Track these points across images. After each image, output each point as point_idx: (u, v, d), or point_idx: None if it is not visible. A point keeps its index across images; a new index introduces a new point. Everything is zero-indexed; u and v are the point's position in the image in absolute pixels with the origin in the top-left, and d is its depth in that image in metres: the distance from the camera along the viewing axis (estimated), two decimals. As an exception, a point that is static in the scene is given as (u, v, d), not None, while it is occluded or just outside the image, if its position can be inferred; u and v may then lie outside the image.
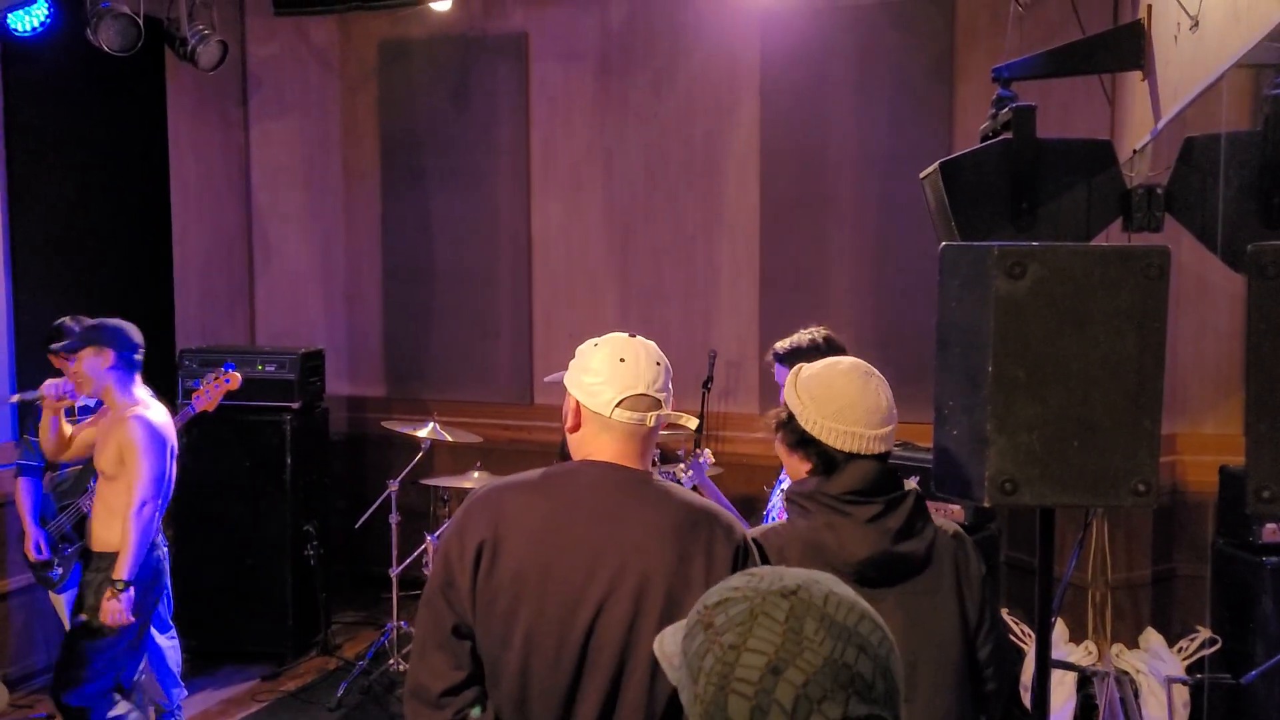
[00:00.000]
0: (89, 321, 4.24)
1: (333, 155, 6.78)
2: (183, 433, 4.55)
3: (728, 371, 5.89)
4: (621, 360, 2.06)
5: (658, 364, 2.10)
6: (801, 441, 2.22)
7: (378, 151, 6.68)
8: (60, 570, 4.48)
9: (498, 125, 6.38)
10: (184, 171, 6.22)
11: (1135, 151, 3.42)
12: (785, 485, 3.66)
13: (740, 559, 2.02)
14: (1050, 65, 3.38)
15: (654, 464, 2.29)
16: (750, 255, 5.94)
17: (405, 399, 6.59)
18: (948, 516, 4.49)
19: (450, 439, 5.32)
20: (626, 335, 2.12)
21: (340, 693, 5.06)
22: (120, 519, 3.84)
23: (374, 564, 6.14)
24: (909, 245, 5.42)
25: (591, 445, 2.09)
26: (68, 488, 4.53)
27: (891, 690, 1.01)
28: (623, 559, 1.96)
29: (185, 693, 4.69)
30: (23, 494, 4.49)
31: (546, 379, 5.44)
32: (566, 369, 2.15)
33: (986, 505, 2.37)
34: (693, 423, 2.14)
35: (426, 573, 4.87)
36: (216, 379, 4.63)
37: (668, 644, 1.17)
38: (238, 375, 4.68)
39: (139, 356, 4.00)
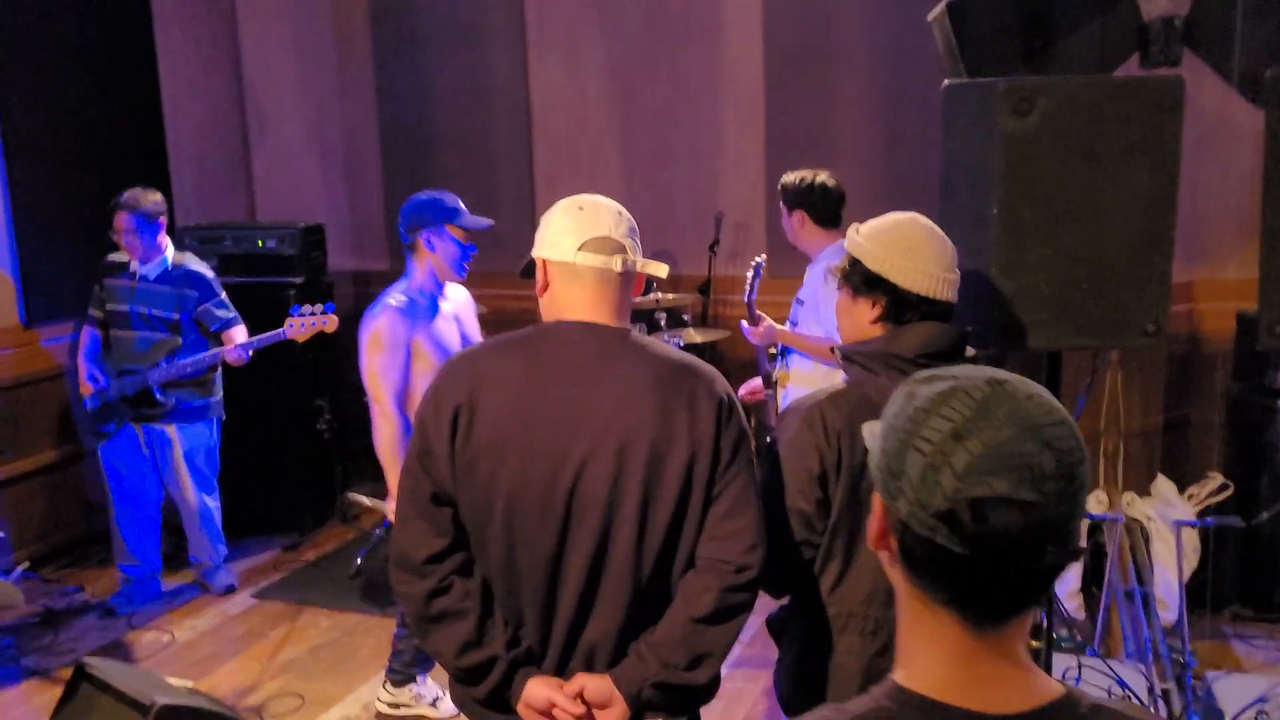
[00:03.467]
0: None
1: (323, 21, 6.56)
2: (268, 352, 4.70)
3: (735, 233, 5.79)
4: (580, 209, 2.04)
5: (619, 213, 2.06)
6: (868, 282, 2.10)
7: (368, 15, 6.47)
8: (112, 426, 4.69)
9: (491, -17, 6.14)
10: (170, 41, 6.04)
11: (1154, -19, 3.26)
12: (792, 397, 3.65)
13: (725, 412, 1.98)
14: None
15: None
16: (755, 113, 5.77)
17: (410, 272, 6.53)
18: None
19: (455, 309, 5.27)
20: (585, 195, 2.10)
21: (359, 561, 5.15)
22: None
23: (387, 436, 6.18)
24: (921, 95, 5.23)
25: (562, 301, 2.03)
26: (139, 355, 4.61)
27: (1069, 496, 1.03)
28: (604, 416, 1.93)
29: (227, 550, 5.06)
30: (83, 338, 4.78)
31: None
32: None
33: (994, 351, 2.33)
34: (663, 270, 2.08)
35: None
36: (314, 314, 4.51)
37: (872, 423, 1.22)
38: (335, 318, 4.56)
39: None
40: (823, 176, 3.86)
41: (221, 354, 4.56)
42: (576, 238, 2.00)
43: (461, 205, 3.72)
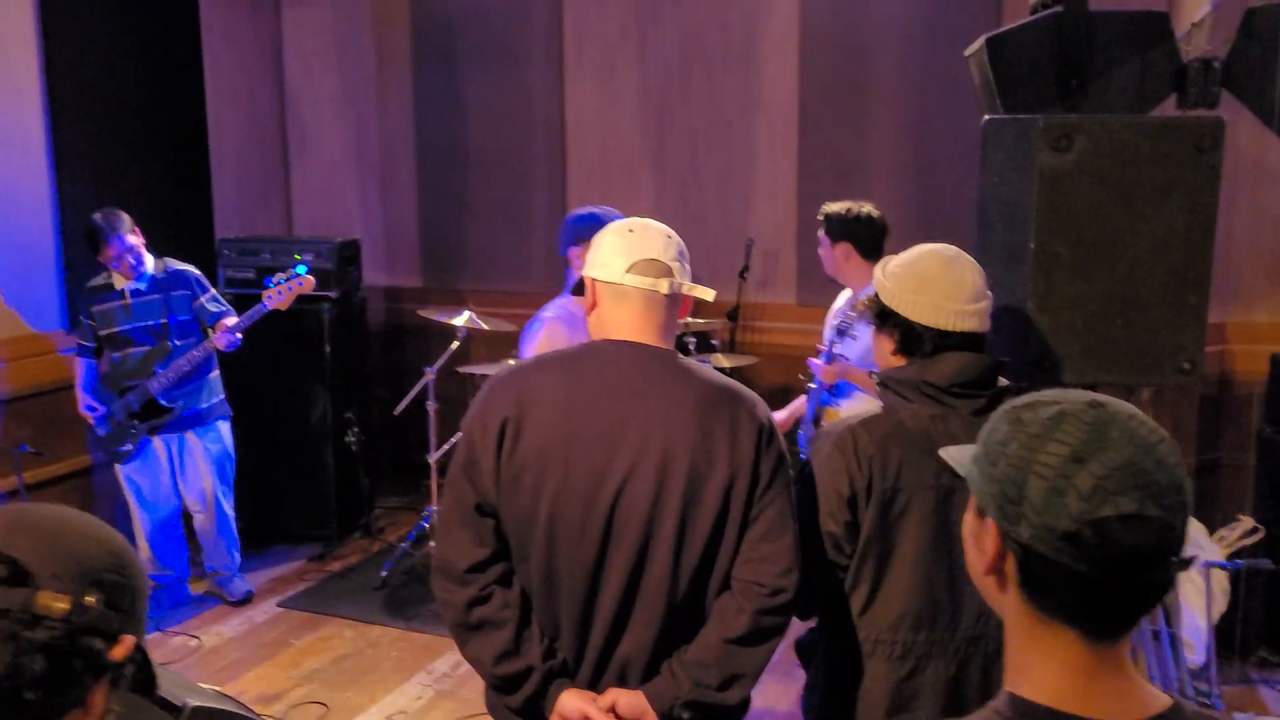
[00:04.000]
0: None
1: (365, 39, 6.67)
2: (252, 330, 4.73)
3: (765, 260, 5.82)
4: (630, 231, 2.08)
5: (669, 236, 2.09)
6: (881, 316, 2.18)
7: (410, 34, 6.57)
8: (130, 445, 4.72)
9: (531, 5, 6.23)
10: (217, 58, 6.16)
11: (1193, 24, 3.27)
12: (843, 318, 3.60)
13: (765, 436, 2.01)
14: (1106, -68, 3.22)
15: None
16: (788, 140, 5.81)
17: (441, 289, 6.61)
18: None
19: (486, 328, 5.33)
20: (636, 218, 2.14)
21: (384, 573, 5.19)
22: None
23: (414, 451, 6.24)
24: (954, 127, 5.28)
25: (609, 321, 2.07)
26: (133, 369, 4.66)
27: (1181, 506, 1.08)
28: (645, 434, 1.96)
29: (242, 557, 5.15)
30: (77, 370, 4.80)
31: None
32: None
33: (1025, 385, 2.35)
34: (709, 294, 2.11)
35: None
36: (289, 280, 4.65)
37: (954, 451, 1.28)
38: (311, 279, 4.72)
39: None
40: (867, 208, 3.84)
41: (211, 342, 4.62)
42: (625, 259, 2.04)
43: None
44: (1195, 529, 4.51)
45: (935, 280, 2.11)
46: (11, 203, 5.06)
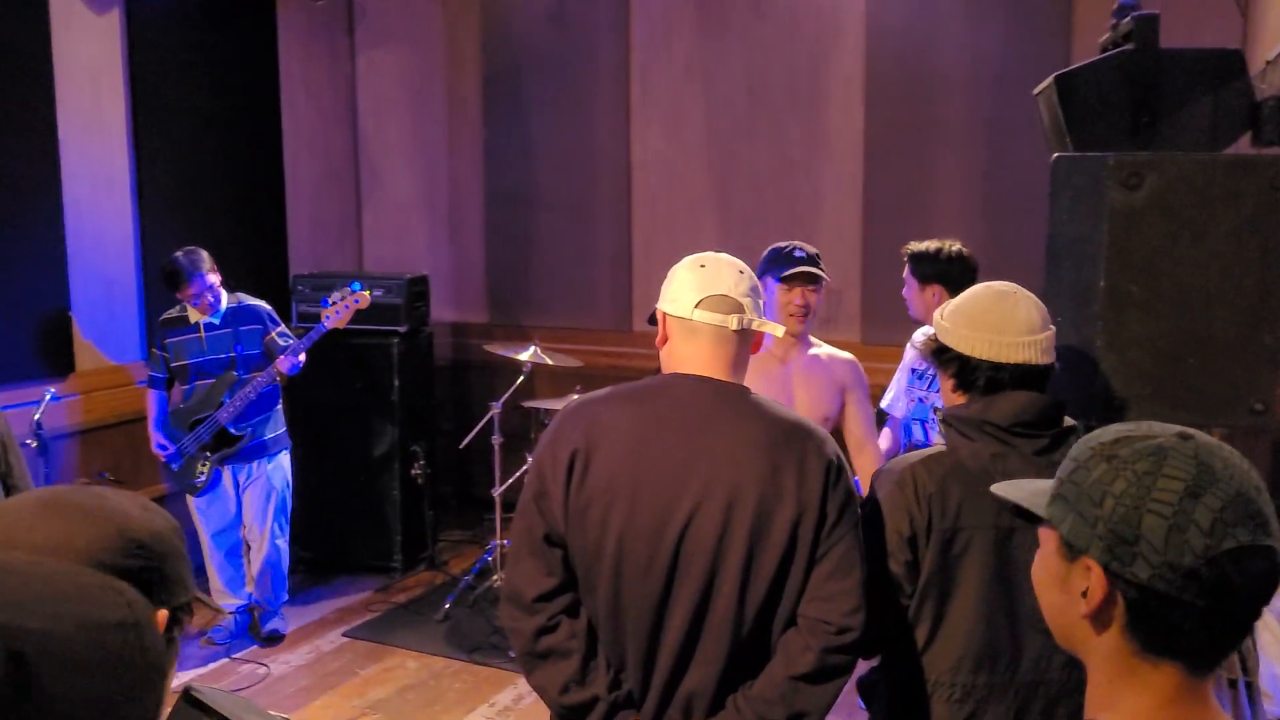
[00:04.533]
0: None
1: (436, 84, 6.85)
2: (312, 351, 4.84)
3: (829, 300, 5.82)
4: (702, 266, 2.09)
5: (740, 272, 2.09)
6: (938, 353, 2.20)
7: (480, 79, 6.72)
8: (203, 476, 4.80)
9: (598, 50, 6.35)
10: (294, 102, 6.36)
11: (1268, 62, 3.25)
12: (919, 392, 3.56)
13: (833, 474, 2.01)
14: (1177, -28, 3.21)
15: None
16: (854, 181, 5.83)
17: (506, 325, 6.71)
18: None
19: (551, 363, 5.39)
20: (707, 253, 2.15)
21: (447, 605, 5.24)
22: None
23: (478, 485, 6.31)
24: (1020, 169, 5.26)
25: (679, 355, 2.09)
26: (201, 401, 4.77)
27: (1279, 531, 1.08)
28: (713, 469, 1.97)
29: (287, 596, 5.19)
30: (150, 404, 4.88)
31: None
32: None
33: (1093, 425, 2.33)
34: (779, 330, 2.12)
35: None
36: (345, 298, 4.78)
37: (1009, 489, 1.27)
38: (367, 295, 4.85)
39: None
40: (957, 245, 3.67)
41: (275, 367, 4.71)
42: (695, 294, 2.05)
43: (791, 259, 3.52)
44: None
45: (987, 313, 2.12)
46: (99, 239, 5.27)
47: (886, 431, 3.92)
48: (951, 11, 5.48)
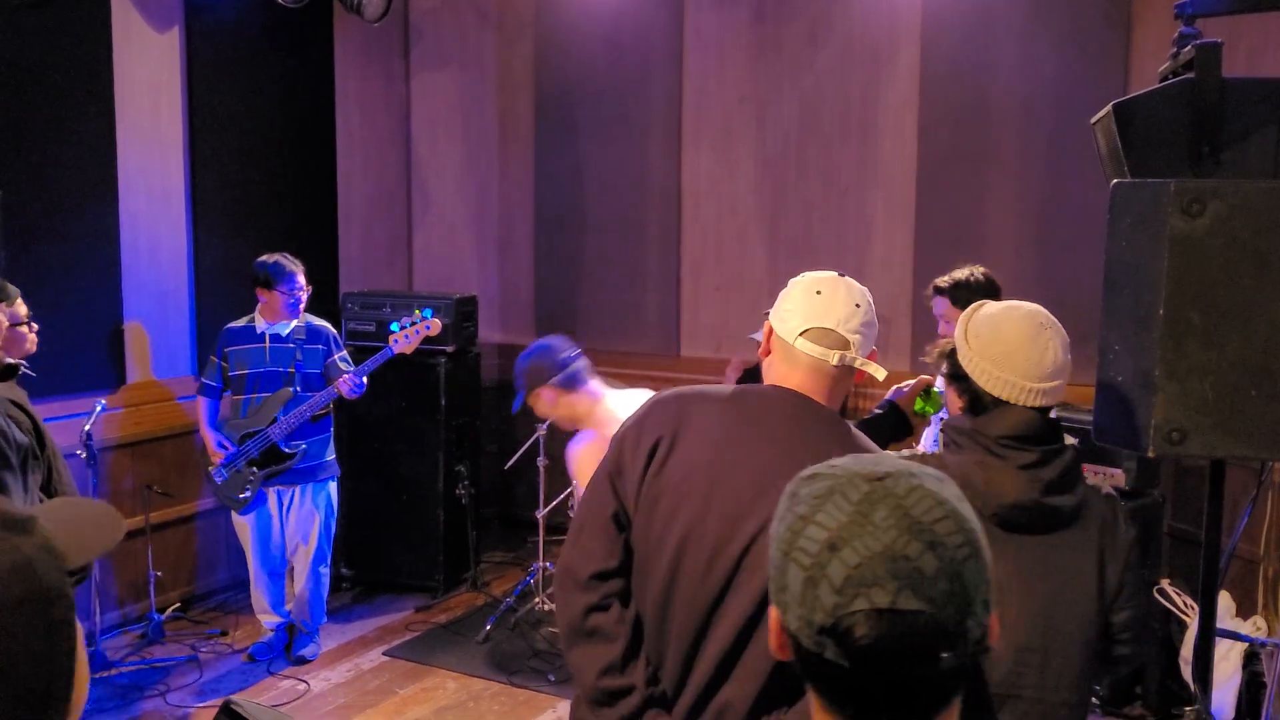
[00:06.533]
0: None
1: (489, 107, 6.91)
2: (380, 372, 4.88)
3: (879, 328, 5.77)
4: (818, 293, 2.02)
5: (857, 305, 2.03)
6: (955, 376, 2.20)
7: (533, 103, 6.77)
8: (248, 492, 4.78)
9: (651, 76, 6.38)
10: (349, 122, 6.45)
11: (1332, 92, 3.18)
12: (944, 416, 3.61)
13: None
14: (1241, 0, 3.16)
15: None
16: (905, 210, 5.79)
17: (554, 348, 6.71)
18: (1108, 480, 4.32)
19: (597, 386, 5.37)
20: (835, 273, 2.08)
21: (488, 626, 5.23)
22: None
23: (521, 507, 6.31)
24: (1075, 199, 5.19)
25: (776, 374, 2.06)
26: (255, 414, 4.78)
27: (958, 595, 0.96)
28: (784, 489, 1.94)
29: (325, 619, 5.17)
30: (203, 410, 4.89)
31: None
32: (710, 322, 2.13)
33: (1151, 455, 2.27)
34: (881, 373, 2.05)
35: (572, 515, 4.97)
36: (416, 324, 4.79)
37: None
38: (438, 322, 4.86)
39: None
40: (980, 269, 3.85)
41: (336, 387, 4.72)
42: (803, 321, 2.01)
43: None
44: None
45: (1015, 355, 2.10)
46: (154, 252, 5.36)
47: None
48: (1007, 39, 5.44)
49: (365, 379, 4.77)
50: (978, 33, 5.51)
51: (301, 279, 4.78)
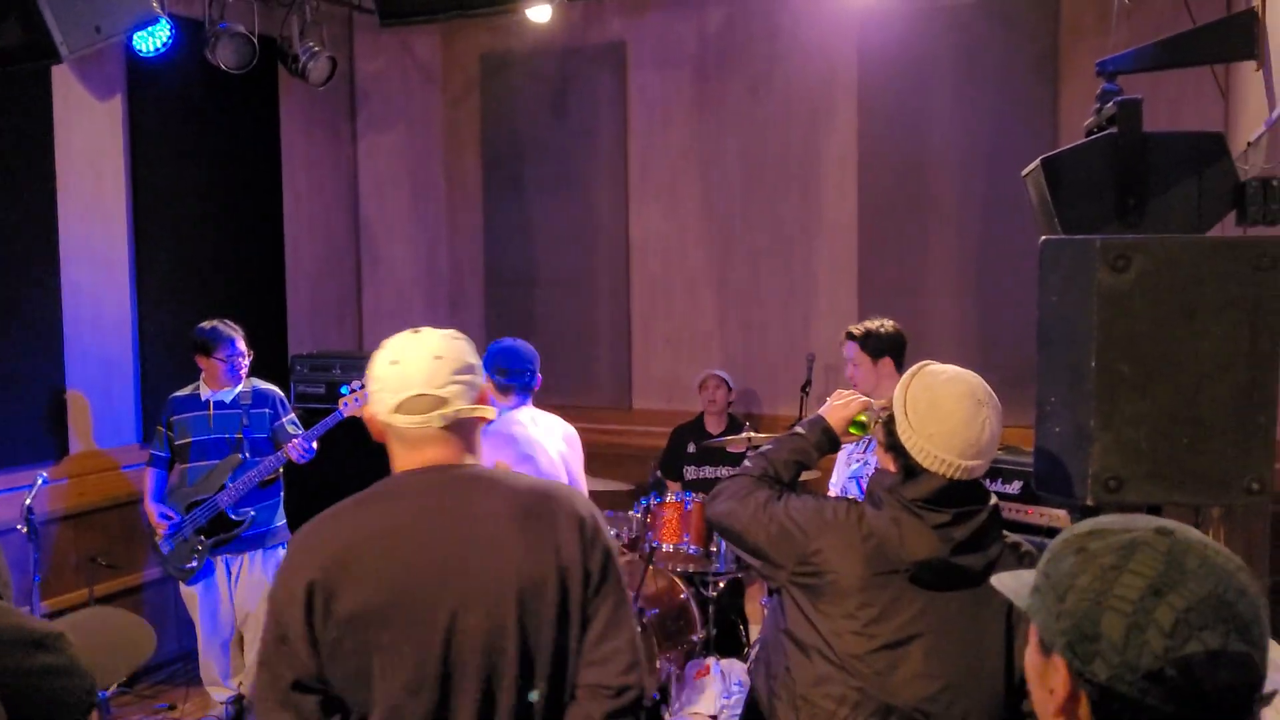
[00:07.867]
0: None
1: (436, 166, 6.95)
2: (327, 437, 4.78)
3: (826, 375, 5.84)
4: (393, 363, 1.94)
5: (437, 357, 1.93)
6: (892, 446, 2.27)
7: (480, 161, 6.82)
8: (195, 562, 4.67)
9: (597, 133, 6.46)
10: (296, 184, 6.45)
11: (1249, 143, 3.31)
12: (856, 459, 3.69)
13: (588, 531, 1.91)
14: (1159, 57, 3.29)
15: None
16: (849, 258, 5.89)
17: (506, 404, 6.70)
18: (1051, 521, 4.38)
19: (550, 442, 5.37)
20: (409, 332, 2.00)
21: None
22: None
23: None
24: (1011, 247, 5.31)
25: (398, 454, 1.96)
26: (202, 482, 4.69)
27: (1263, 639, 1.02)
28: (469, 560, 1.85)
29: None
30: (150, 482, 4.77)
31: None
32: (661, 374, 2.13)
33: (1090, 504, 2.32)
34: (491, 413, 1.99)
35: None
36: (365, 387, 4.71)
37: (1007, 579, 1.22)
38: None
39: None
40: (889, 320, 4.01)
41: (285, 452, 4.64)
42: (392, 396, 1.91)
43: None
44: (1275, 651, 4.33)
45: (955, 435, 2.18)
46: (97, 322, 5.30)
47: None
48: (941, 93, 5.59)
49: (315, 443, 4.71)
50: (912, 87, 5.65)
51: (241, 344, 4.71)
